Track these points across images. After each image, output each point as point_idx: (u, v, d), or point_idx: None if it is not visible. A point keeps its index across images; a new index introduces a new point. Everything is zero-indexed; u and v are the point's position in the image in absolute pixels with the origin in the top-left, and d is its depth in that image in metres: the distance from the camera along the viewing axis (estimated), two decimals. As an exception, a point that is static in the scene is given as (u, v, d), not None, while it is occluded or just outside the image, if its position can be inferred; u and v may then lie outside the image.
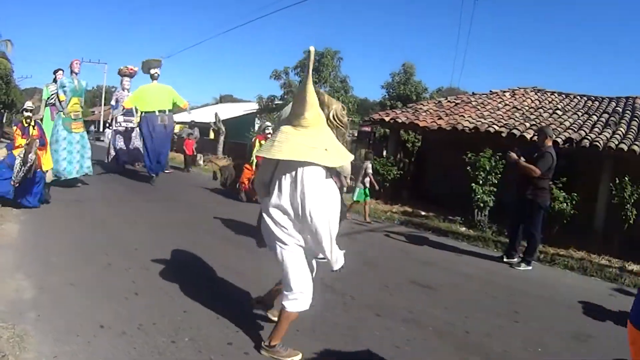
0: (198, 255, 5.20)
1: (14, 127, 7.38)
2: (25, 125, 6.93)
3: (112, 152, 12.21)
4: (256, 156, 8.07)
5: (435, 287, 4.63)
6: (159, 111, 10.09)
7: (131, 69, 11.98)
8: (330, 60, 18.67)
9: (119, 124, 12.01)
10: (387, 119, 12.35)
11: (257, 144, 8.73)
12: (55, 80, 9.33)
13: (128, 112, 11.78)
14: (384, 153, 13.42)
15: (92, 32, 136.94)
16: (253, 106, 25.82)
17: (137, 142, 11.75)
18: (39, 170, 6.55)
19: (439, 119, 11.62)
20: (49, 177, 7.13)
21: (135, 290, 3.99)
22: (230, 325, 3.38)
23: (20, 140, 6.71)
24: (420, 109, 12.75)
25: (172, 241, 5.70)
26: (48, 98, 9.22)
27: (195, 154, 16.78)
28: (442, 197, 10.69)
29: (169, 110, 10.33)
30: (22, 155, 6.20)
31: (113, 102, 12.26)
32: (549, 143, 5.94)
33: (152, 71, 10.36)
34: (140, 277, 4.34)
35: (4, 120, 23.41)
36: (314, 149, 2.62)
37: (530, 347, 3.50)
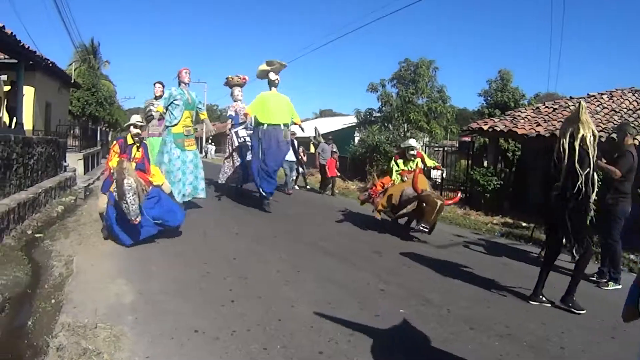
0: (297, 266, 5.32)
1: (114, 143, 6.38)
2: (130, 143, 6.09)
3: (232, 172, 10.88)
4: (400, 173, 7.65)
5: (542, 306, 4.47)
6: (283, 125, 8.99)
7: (243, 78, 11.13)
8: (426, 71, 18.82)
9: (241, 138, 10.65)
10: (485, 127, 12.51)
11: (394, 168, 7.84)
12: (156, 97, 8.96)
13: (248, 126, 10.64)
14: (484, 163, 13.61)
15: (189, 51, 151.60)
16: (352, 120, 26.52)
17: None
18: (150, 188, 5.86)
19: (537, 125, 11.66)
20: (167, 188, 6.48)
21: (232, 298, 4.11)
22: (323, 335, 3.39)
23: (115, 160, 5.84)
24: (519, 116, 12.85)
25: (271, 252, 5.91)
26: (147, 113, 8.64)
27: (338, 175, 14.45)
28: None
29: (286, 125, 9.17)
30: (116, 189, 5.31)
31: (232, 113, 11.01)
32: (630, 142, 5.51)
33: (274, 77, 9.09)
34: (237, 286, 4.47)
35: (109, 139, 26.68)
36: None
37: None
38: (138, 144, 6.14)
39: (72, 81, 19.82)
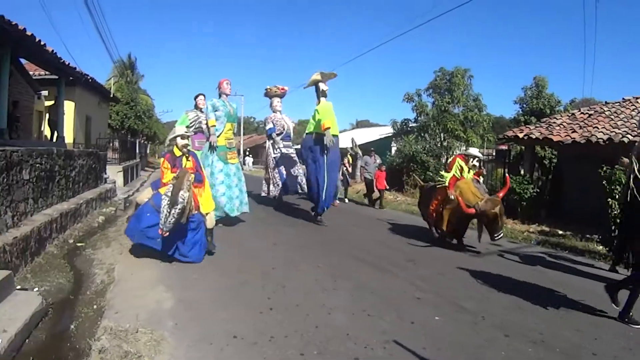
0: (333, 275, 5.33)
1: (161, 159, 6.15)
2: (177, 155, 5.82)
3: (273, 185, 10.86)
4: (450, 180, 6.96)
5: (567, 308, 4.53)
6: (333, 136, 8.52)
7: (282, 89, 10.97)
8: (461, 79, 18.87)
9: (278, 150, 10.62)
10: (520, 135, 12.59)
11: (456, 164, 7.14)
12: (196, 107, 8.73)
13: (286, 137, 10.84)
14: (521, 171, 13.59)
15: (225, 64, 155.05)
16: (388, 130, 26.52)
17: (298, 170, 10.63)
18: (196, 213, 5.53)
19: (572, 132, 11.77)
20: (211, 222, 5.96)
21: (270, 306, 4.14)
22: (359, 342, 3.41)
23: (169, 176, 5.62)
24: (554, 122, 12.93)
25: (309, 262, 5.92)
26: (187, 127, 8.03)
27: (387, 187, 13.93)
28: (580, 214, 10.63)
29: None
30: (169, 194, 5.13)
31: (270, 125, 10.77)
32: None
33: (323, 87, 8.85)
34: (275, 294, 4.49)
35: (147, 151, 27.40)
36: None
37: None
38: (187, 155, 5.87)
39: (111, 95, 20.60)
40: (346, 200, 13.82)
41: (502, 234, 6.56)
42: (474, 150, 7.56)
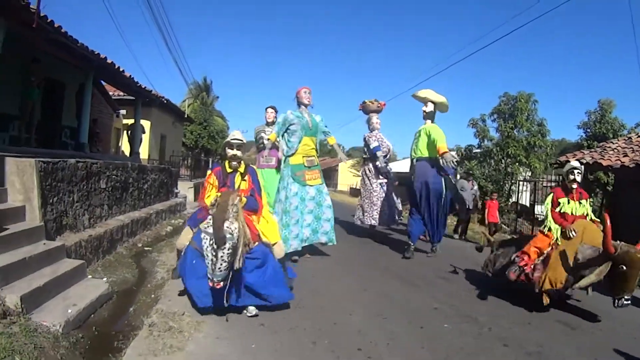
0: (364, 285, 5.69)
1: (208, 172, 4.78)
2: (229, 171, 4.59)
3: (370, 212, 9.58)
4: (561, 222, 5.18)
5: (576, 327, 4.57)
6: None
7: (382, 104, 9.98)
8: (525, 104, 18.68)
9: (381, 174, 9.56)
10: (572, 160, 12.21)
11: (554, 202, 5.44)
12: (268, 123, 7.75)
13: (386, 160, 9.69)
14: None
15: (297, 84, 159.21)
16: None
17: (394, 197, 9.57)
18: (256, 244, 4.25)
19: (624, 156, 11.55)
20: (280, 251, 4.57)
21: (299, 305, 4.52)
22: (367, 338, 3.81)
23: (214, 196, 4.23)
24: (609, 147, 12.89)
25: (346, 273, 6.26)
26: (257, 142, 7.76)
27: (499, 222, 12.34)
28: (637, 240, 9.68)
29: None
30: (209, 229, 3.81)
31: (376, 143, 9.47)
32: None
33: (424, 108, 7.83)
34: (306, 297, 4.78)
35: None
36: None
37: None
38: (242, 171, 4.62)
39: (185, 116, 22.33)
40: None
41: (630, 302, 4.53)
42: (572, 163, 5.80)
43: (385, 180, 9.44)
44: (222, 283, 3.76)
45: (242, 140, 4.63)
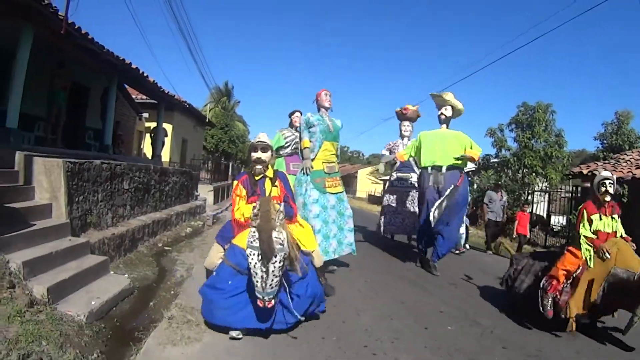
0: (376, 289, 5.99)
1: (234, 183, 4.30)
2: (256, 178, 4.21)
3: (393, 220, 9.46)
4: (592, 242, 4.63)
5: (577, 334, 4.50)
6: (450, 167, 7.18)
7: (408, 109, 9.45)
8: (542, 114, 18.55)
9: (409, 182, 9.33)
10: (585, 171, 12.68)
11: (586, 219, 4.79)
12: (291, 125, 7.64)
13: (404, 168, 9.43)
14: None
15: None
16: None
17: (413, 207, 9.10)
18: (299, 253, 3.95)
19: (636, 168, 11.72)
20: (319, 259, 4.39)
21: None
22: (373, 335, 3.98)
23: (244, 208, 4.02)
24: (622, 159, 13.06)
25: (360, 277, 6.39)
26: (280, 147, 7.38)
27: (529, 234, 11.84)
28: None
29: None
30: (255, 242, 3.44)
31: (385, 152, 9.53)
32: None
33: (443, 111, 7.44)
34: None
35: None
36: None
37: None
38: (271, 176, 4.26)
39: (207, 120, 22.71)
40: (467, 247, 10.87)
41: None
42: (603, 173, 5.05)
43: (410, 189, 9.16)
44: (273, 301, 3.48)
45: (267, 142, 4.27)
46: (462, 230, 10.13)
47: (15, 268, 3.84)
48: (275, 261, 3.40)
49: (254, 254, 3.40)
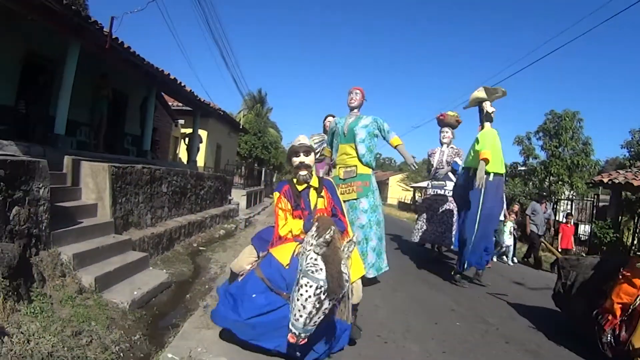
0: (395, 289, 6.19)
1: (275, 194, 3.64)
2: (300, 189, 3.60)
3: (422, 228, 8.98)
4: None
5: (579, 336, 4.51)
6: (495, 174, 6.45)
7: (445, 116, 8.81)
8: (569, 122, 18.43)
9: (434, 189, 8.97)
10: (606, 180, 12.69)
11: None
12: (325, 130, 7.07)
13: (439, 177, 8.90)
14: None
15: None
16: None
17: (448, 216, 8.55)
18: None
19: None
20: (358, 295, 3.44)
21: None
22: (387, 327, 4.24)
23: (292, 224, 3.45)
24: None
25: (381, 278, 6.36)
26: None
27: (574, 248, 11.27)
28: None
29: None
30: (317, 275, 2.78)
31: (457, 159, 8.62)
32: None
33: (489, 108, 6.64)
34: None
35: (273, 180, 29.58)
36: None
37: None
38: (316, 185, 3.65)
39: (240, 126, 23.31)
40: (515, 260, 10.43)
41: None
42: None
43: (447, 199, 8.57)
44: (305, 340, 2.81)
45: (309, 144, 3.66)
46: (510, 242, 10.09)
47: (66, 260, 4.29)
48: (334, 299, 2.83)
49: (311, 286, 2.75)
